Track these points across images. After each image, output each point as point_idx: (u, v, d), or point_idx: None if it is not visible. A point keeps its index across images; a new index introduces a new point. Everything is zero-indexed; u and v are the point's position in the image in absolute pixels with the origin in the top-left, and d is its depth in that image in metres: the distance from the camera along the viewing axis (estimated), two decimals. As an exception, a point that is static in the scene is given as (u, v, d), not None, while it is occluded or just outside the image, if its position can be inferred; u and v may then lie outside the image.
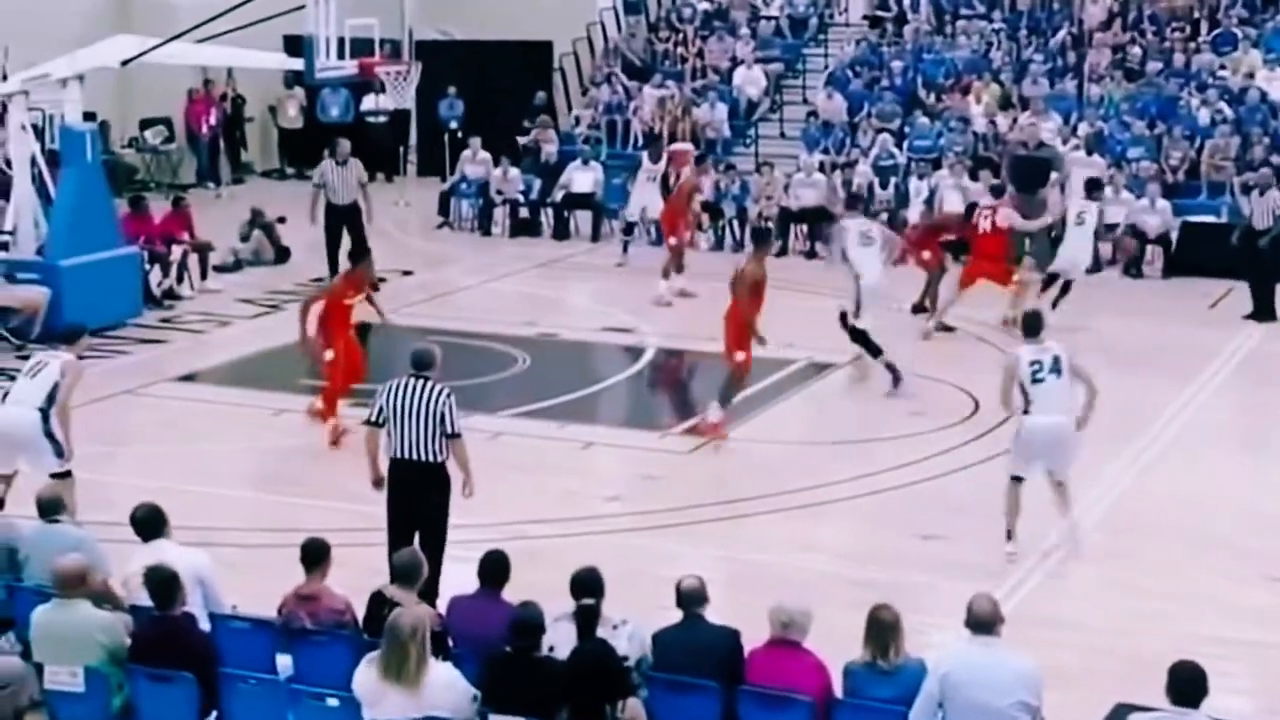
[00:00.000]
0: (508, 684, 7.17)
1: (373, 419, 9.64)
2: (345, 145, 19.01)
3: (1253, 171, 20.88)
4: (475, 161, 23.57)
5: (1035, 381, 10.78)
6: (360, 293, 13.74)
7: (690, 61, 26.56)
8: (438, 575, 9.16)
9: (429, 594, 8.50)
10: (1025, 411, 10.83)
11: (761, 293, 13.45)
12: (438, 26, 27.68)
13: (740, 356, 13.49)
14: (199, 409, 14.47)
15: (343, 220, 18.62)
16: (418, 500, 9.54)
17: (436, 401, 9.45)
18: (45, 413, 10.58)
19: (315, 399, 13.78)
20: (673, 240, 18.80)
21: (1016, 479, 10.94)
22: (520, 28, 26.78)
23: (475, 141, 23.77)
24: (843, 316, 15.03)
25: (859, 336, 14.96)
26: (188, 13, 20.48)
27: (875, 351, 14.93)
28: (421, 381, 9.55)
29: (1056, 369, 10.79)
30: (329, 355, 13.42)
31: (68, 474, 10.60)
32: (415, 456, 9.47)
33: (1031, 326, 11.08)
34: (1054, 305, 16.96)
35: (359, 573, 8.58)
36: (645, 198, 20.60)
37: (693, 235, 19.82)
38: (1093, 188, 18.12)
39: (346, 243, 18.10)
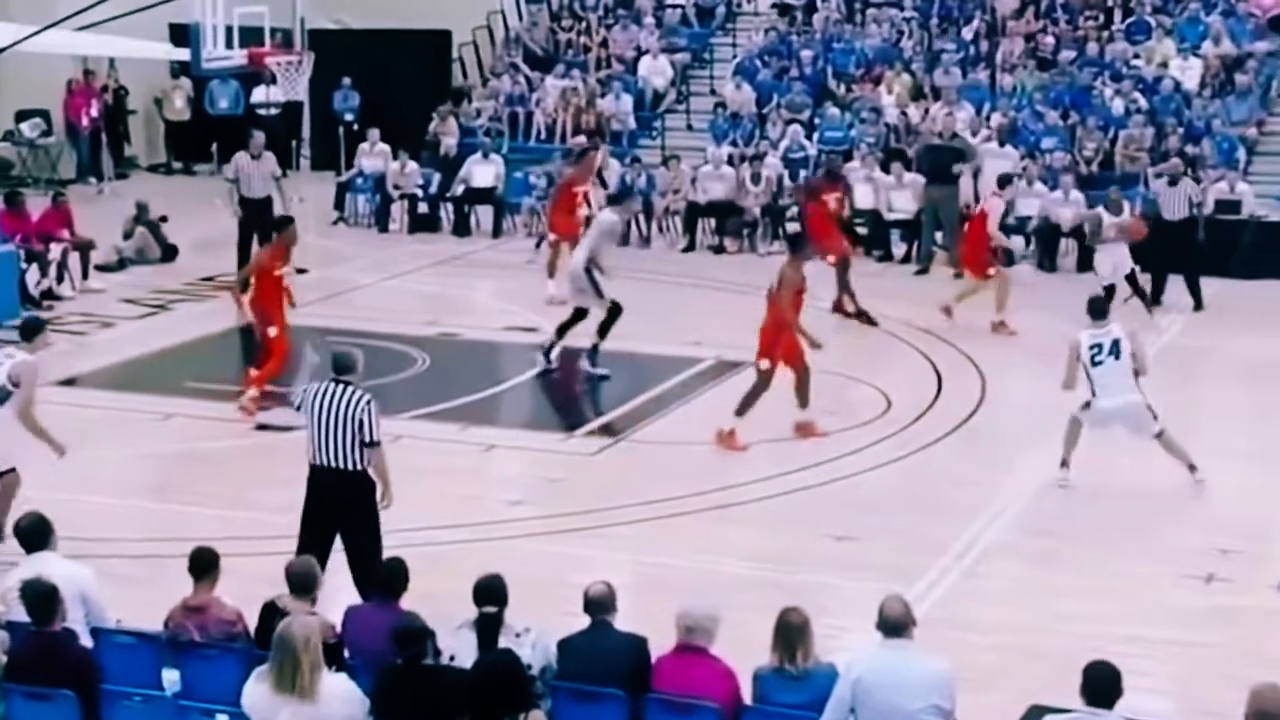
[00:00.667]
0: (401, 695, 7.13)
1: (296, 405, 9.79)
2: (260, 137, 19.02)
3: (1166, 162, 21.25)
4: (373, 154, 23.43)
5: (1095, 364, 11.80)
6: (287, 261, 14.05)
7: (594, 51, 26.55)
8: (373, 583, 9.04)
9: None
10: (1092, 395, 11.99)
11: (801, 300, 13.57)
12: (331, 15, 27.43)
13: (765, 365, 13.43)
14: (82, 414, 14.20)
15: (256, 215, 18.49)
16: (337, 509, 9.46)
17: (356, 408, 9.42)
18: None
19: (245, 394, 13.91)
20: (552, 237, 18.67)
21: (1078, 420, 12.13)
22: (418, 16, 26.64)
23: (374, 133, 23.62)
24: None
25: None
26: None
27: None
28: (342, 387, 9.52)
29: (1116, 351, 11.78)
30: (272, 332, 13.89)
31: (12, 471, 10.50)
32: (335, 464, 9.42)
33: (1097, 309, 12.17)
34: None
35: (251, 582, 8.48)
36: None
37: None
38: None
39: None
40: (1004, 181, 18.31)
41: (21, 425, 10.65)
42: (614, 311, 15.21)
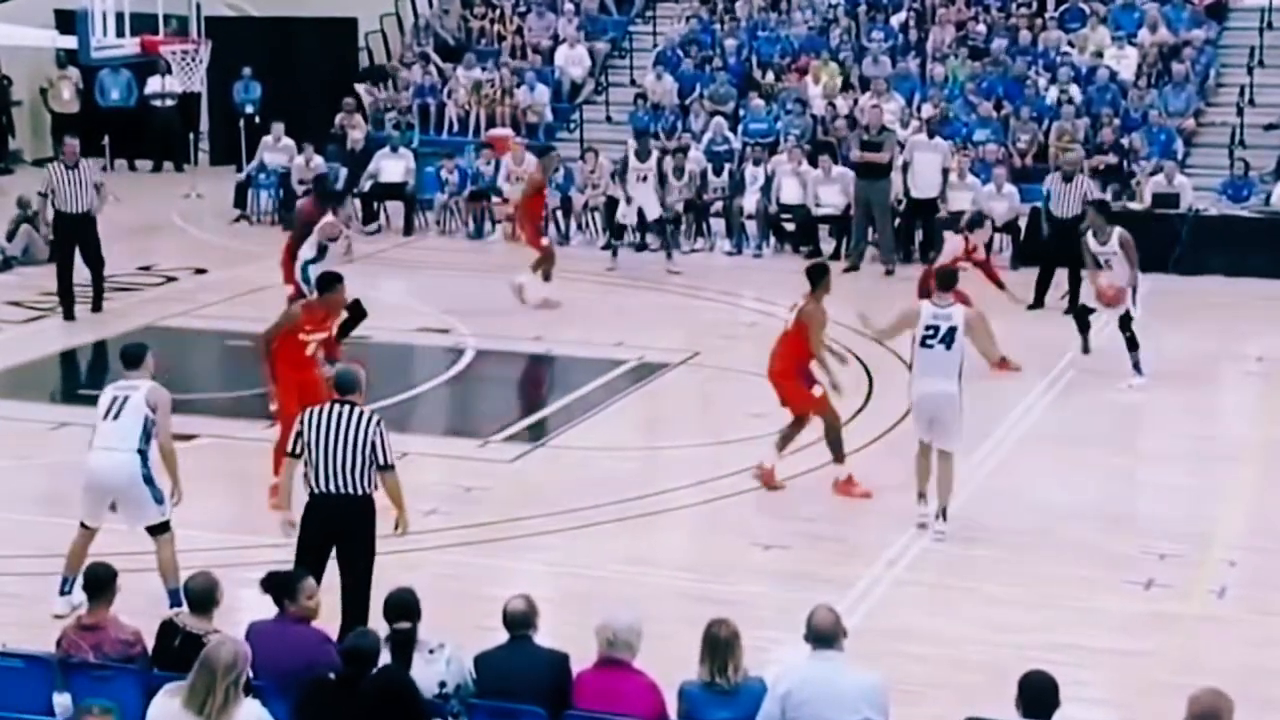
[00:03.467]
0: (323, 713, 7.13)
1: (294, 450, 9.42)
2: (73, 144, 17.68)
3: (1102, 154, 21.52)
4: (276, 148, 23.29)
5: (924, 345, 11.52)
6: (323, 329, 11.98)
7: (509, 40, 26.54)
8: (366, 611, 9.01)
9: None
10: (910, 370, 11.73)
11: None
12: (230, 2, 27.33)
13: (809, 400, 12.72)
14: (-34, 425, 14.08)
15: (74, 232, 17.43)
16: (343, 537, 9.30)
17: (365, 429, 9.27)
18: (144, 454, 9.99)
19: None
20: (544, 241, 18.49)
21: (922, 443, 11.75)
22: (322, 3, 26.55)
23: (277, 127, 23.46)
24: None
25: None
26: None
27: None
28: (346, 408, 9.37)
29: (949, 340, 11.46)
30: (272, 408, 12.19)
31: (166, 526, 10.06)
32: (341, 489, 9.25)
33: (946, 280, 11.90)
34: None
35: (151, 600, 8.43)
36: (641, 198, 20.26)
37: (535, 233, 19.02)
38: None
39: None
40: (975, 223, 16.66)
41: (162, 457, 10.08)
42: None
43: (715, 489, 12.55)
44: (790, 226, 21.50)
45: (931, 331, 11.49)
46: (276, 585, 7.92)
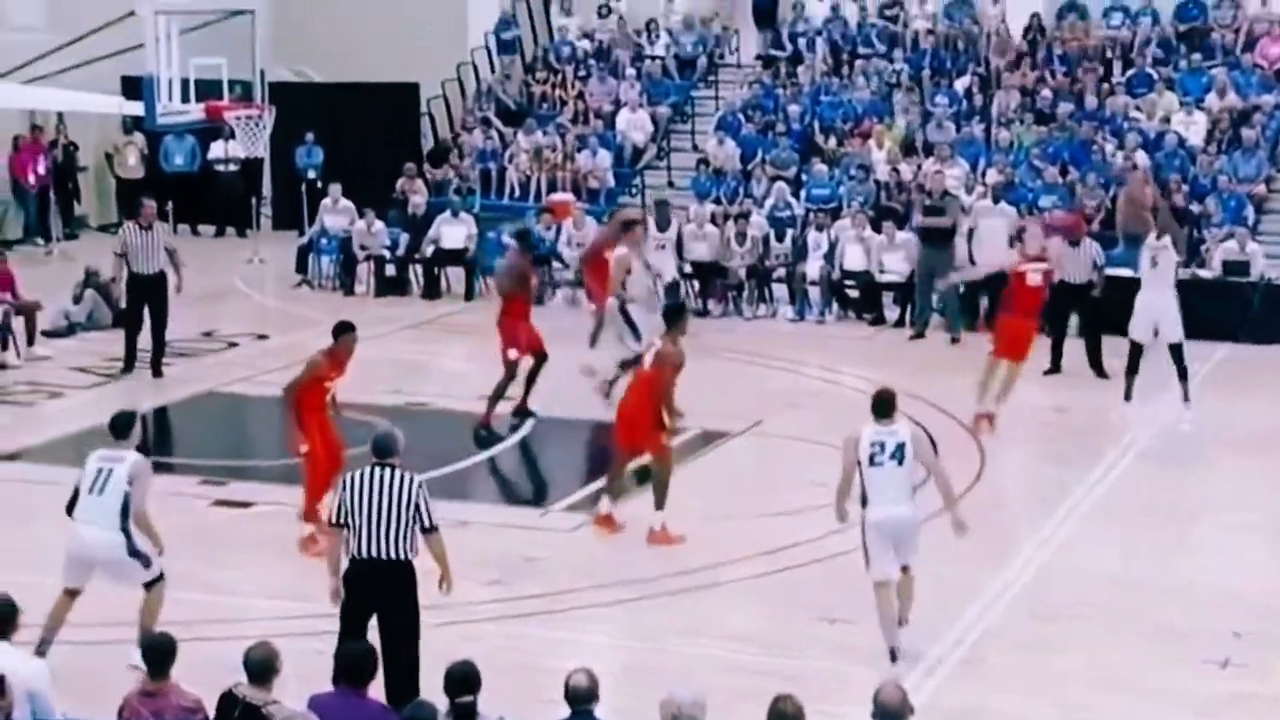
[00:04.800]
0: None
1: (333, 519, 9.43)
2: (150, 205, 18.25)
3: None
4: (336, 210, 23.47)
5: (873, 465, 10.57)
6: (342, 372, 12.82)
7: (570, 105, 26.73)
8: (416, 679, 9.01)
9: (410, 695, 8.36)
10: (863, 503, 10.64)
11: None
12: (293, 67, 27.64)
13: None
14: (27, 492, 14.18)
15: (146, 293, 17.89)
16: (386, 603, 9.29)
17: (408, 492, 9.27)
18: (127, 532, 10.22)
19: (304, 527, 12.71)
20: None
21: (880, 584, 10.62)
22: (384, 69, 26.82)
23: (335, 188, 23.69)
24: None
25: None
26: (13, 50, 20.26)
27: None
28: (387, 470, 9.36)
29: (898, 455, 10.55)
30: (303, 449, 12.60)
31: (160, 578, 10.31)
32: (384, 554, 9.24)
33: (880, 405, 10.77)
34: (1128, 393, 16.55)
35: (213, 670, 8.44)
36: (659, 264, 20.20)
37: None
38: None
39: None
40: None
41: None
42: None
43: (778, 560, 12.48)
44: (854, 293, 21.48)
45: (878, 448, 10.59)
46: (349, 667, 7.89)
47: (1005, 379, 16.09)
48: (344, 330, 12.84)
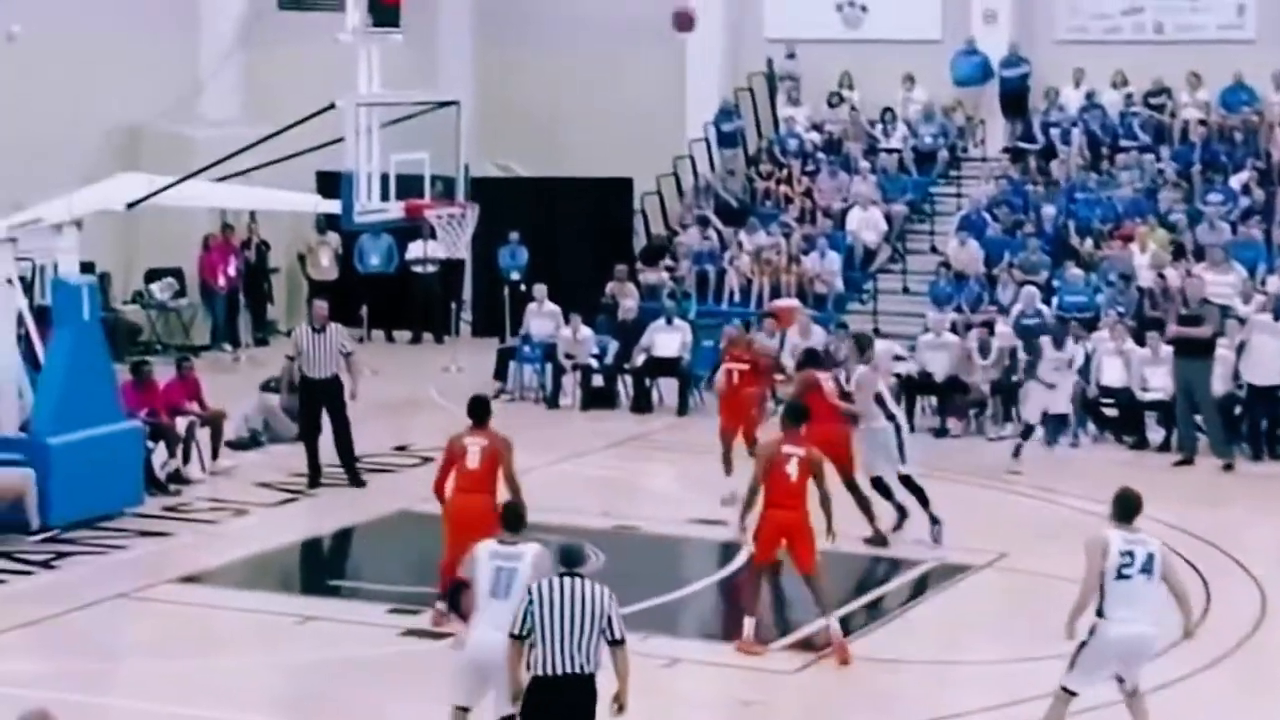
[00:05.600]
0: None
1: (518, 630, 9.66)
2: (322, 306, 18.93)
3: None
4: (541, 314, 23.77)
5: (1120, 578, 10.65)
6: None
7: (796, 202, 26.86)
8: None
9: None
10: (1099, 614, 10.72)
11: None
12: (498, 161, 28.21)
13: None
14: (209, 617, 14.55)
15: (320, 399, 18.42)
16: None
17: (599, 603, 9.54)
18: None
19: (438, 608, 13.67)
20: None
21: (1069, 692, 10.91)
22: (595, 162, 27.26)
23: (540, 290, 23.99)
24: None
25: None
26: (205, 147, 21.03)
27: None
28: (576, 580, 9.63)
29: (1148, 568, 10.68)
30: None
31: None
32: (571, 669, 9.49)
33: (1125, 508, 10.97)
34: None
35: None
36: None
37: None
38: None
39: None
40: None
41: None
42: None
43: (1016, 714, 12.25)
44: (1112, 412, 21.12)
45: (1127, 559, 10.69)
46: None
47: None
48: (483, 407, 14.17)
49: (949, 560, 15.83)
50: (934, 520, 16.28)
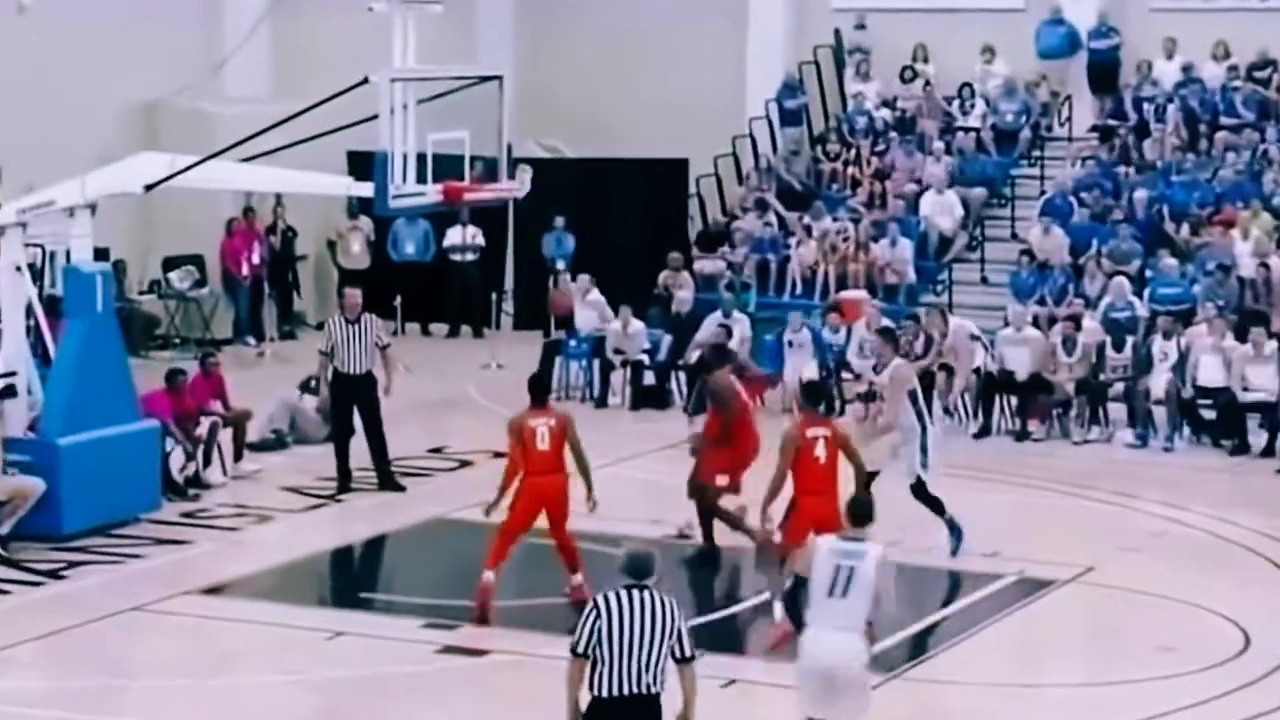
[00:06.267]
0: None
1: (580, 648, 9.56)
2: (354, 295, 18.84)
3: None
4: (586, 303, 23.74)
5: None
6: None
7: (865, 185, 26.81)
8: None
9: None
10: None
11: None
12: (543, 141, 28.22)
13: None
14: (231, 631, 14.61)
15: (354, 395, 18.40)
16: None
17: (669, 618, 9.46)
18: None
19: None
20: None
21: None
22: (647, 142, 27.27)
23: (584, 279, 23.95)
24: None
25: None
26: (228, 125, 21.11)
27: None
28: (645, 594, 9.54)
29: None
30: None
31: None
32: (637, 690, 9.39)
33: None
34: None
35: None
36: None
37: None
38: None
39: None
40: None
41: None
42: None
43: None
44: (1210, 414, 21.01)
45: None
46: None
47: None
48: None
49: (1030, 574, 15.77)
50: (952, 529, 16.17)
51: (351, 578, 17.07)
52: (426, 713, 12.85)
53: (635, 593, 9.51)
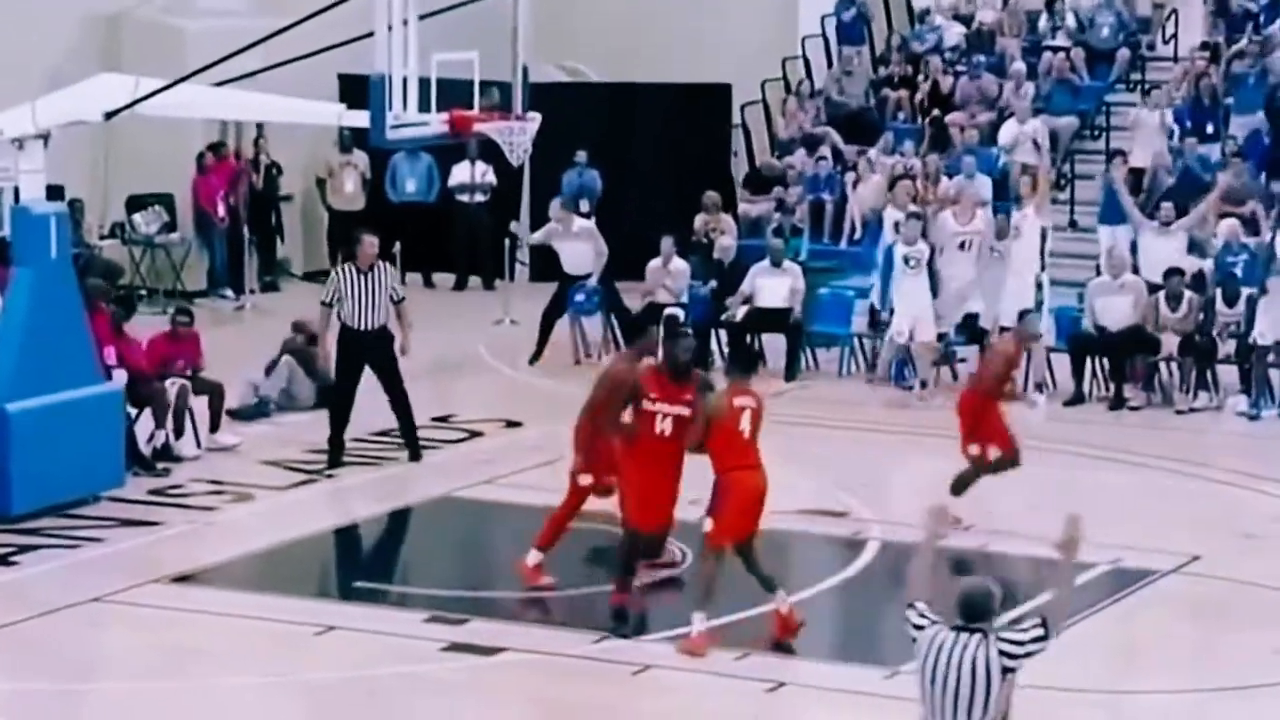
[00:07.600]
0: None
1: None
2: (372, 241, 18.66)
3: None
4: (573, 235, 23.50)
5: None
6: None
7: (936, 113, 26.73)
8: None
9: None
10: None
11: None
12: (564, 64, 28.17)
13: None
14: (205, 625, 14.67)
15: (364, 354, 18.40)
16: None
17: (990, 677, 9.12)
18: None
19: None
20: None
21: None
22: (683, 65, 27.22)
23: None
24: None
25: None
26: (201, 42, 21.15)
27: None
28: (976, 638, 9.15)
29: None
30: (584, 479, 14.99)
31: None
32: None
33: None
34: None
35: None
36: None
37: None
38: None
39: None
40: None
41: None
42: None
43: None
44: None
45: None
46: None
47: None
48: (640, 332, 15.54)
49: (1126, 564, 15.77)
50: None
51: (344, 564, 17.12)
52: (428, 711, 12.91)
53: (965, 637, 9.11)
